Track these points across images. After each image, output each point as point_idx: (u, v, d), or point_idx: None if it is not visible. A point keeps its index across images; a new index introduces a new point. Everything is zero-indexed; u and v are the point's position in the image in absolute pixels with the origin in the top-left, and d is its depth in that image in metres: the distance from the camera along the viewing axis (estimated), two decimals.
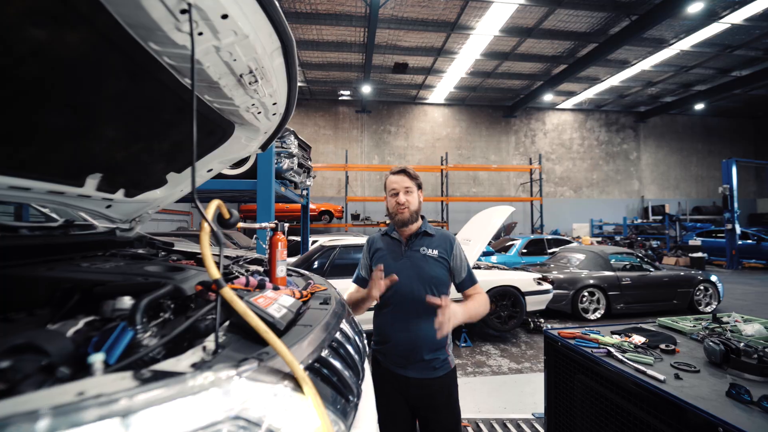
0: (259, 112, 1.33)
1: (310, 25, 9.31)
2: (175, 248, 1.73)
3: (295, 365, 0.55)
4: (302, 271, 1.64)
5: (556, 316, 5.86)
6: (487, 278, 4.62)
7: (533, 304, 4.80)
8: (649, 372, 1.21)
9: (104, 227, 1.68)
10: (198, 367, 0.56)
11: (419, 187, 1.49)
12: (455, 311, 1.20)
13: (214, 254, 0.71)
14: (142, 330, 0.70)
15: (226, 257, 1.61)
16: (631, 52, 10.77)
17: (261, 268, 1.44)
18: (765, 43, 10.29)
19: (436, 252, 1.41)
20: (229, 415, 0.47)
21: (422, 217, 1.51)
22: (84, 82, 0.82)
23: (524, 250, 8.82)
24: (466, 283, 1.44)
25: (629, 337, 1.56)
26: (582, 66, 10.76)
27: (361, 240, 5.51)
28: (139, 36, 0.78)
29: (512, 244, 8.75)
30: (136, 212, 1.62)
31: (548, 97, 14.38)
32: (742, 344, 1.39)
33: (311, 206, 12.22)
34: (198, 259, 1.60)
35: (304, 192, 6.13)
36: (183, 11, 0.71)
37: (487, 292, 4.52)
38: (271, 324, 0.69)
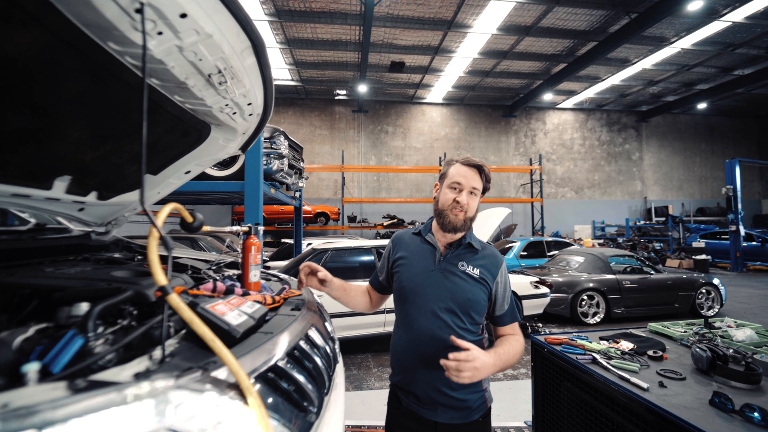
0: (234, 113, 1.33)
1: (304, 23, 9.34)
2: None
3: (240, 375, 0.55)
4: (282, 275, 1.64)
5: (555, 320, 5.85)
6: None
7: (530, 308, 4.80)
8: (633, 380, 1.21)
9: (80, 231, 1.67)
10: (141, 376, 0.55)
11: (484, 192, 1.22)
12: (485, 363, 0.96)
13: (195, 258, 0.71)
14: (95, 338, 0.69)
15: (204, 261, 1.60)
16: (632, 51, 10.83)
17: (238, 273, 1.43)
18: (767, 42, 10.35)
19: (477, 271, 1.16)
20: (164, 427, 0.46)
21: (470, 228, 1.26)
22: (41, 82, 0.81)
23: (523, 253, 8.83)
24: (507, 319, 1.19)
25: (617, 343, 1.56)
26: (582, 65, 10.81)
27: (355, 243, 5.50)
28: (96, 36, 0.77)
29: (511, 247, 8.75)
30: (111, 215, 1.62)
31: (548, 97, 14.44)
32: (731, 350, 1.39)
33: (307, 208, 12.23)
34: (175, 264, 1.59)
35: (297, 194, 6.13)
36: (138, 10, 0.71)
37: None
38: (226, 332, 0.68)
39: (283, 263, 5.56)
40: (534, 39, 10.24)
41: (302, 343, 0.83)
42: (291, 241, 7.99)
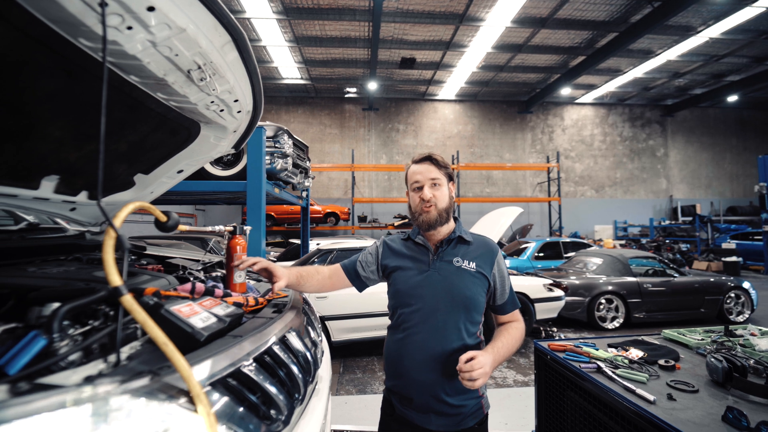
0: (221, 110, 1.33)
1: (312, 20, 9.39)
2: (146, 252, 1.75)
3: (191, 381, 0.53)
4: None
5: (572, 325, 5.71)
6: None
7: (544, 311, 4.69)
8: (639, 391, 1.15)
9: (75, 231, 1.71)
10: (90, 380, 0.54)
11: (450, 178, 1.23)
12: (489, 363, 1.00)
13: (186, 258, 0.70)
14: (60, 338, 0.69)
15: (195, 261, 1.61)
16: (655, 42, 10.47)
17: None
18: None
19: (473, 265, 1.16)
20: None
21: (456, 219, 1.26)
22: (13, 80, 0.82)
23: (539, 254, 8.64)
24: (508, 307, 1.21)
25: (626, 351, 1.49)
26: (602, 57, 10.52)
27: (362, 243, 5.49)
28: (65, 32, 0.77)
29: (526, 248, 8.59)
30: None
31: (566, 91, 14.10)
32: (751, 361, 1.32)
33: (317, 208, 12.30)
34: (167, 264, 1.61)
35: (304, 193, 6.16)
36: (101, 4, 0.70)
37: None
38: (189, 334, 0.67)
39: (290, 263, 5.59)
40: (550, 31, 10.02)
41: (276, 348, 0.81)
42: (297, 241, 8.05)
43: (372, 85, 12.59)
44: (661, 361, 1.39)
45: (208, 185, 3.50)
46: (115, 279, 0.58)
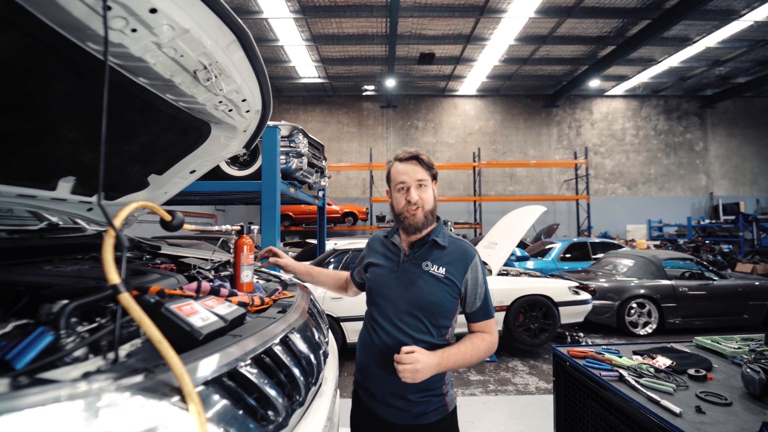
0: (230, 110, 1.36)
1: (329, 18, 9.48)
2: (161, 252, 1.81)
3: (184, 379, 0.54)
4: (284, 276, 1.66)
5: (600, 330, 5.53)
6: (514, 286, 4.44)
7: (568, 315, 4.55)
8: (664, 402, 1.09)
9: (93, 230, 1.79)
10: (88, 375, 0.57)
11: (434, 178, 1.22)
12: (426, 365, 1.00)
13: (197, 257, 0.72)
14: (66, 335, 0.72)
15: (205, 260, 1.66)
16: (692, 28, 9.94)
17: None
18: None
19: (443, 270, 1.14)
20: (90, 428, 0.47)
21: (438, 219, 1.25)
22: (26, 84, 0.87)
23: (566, 255, 8.39)
24: (478, 316, 1.17)
25: (653, 358, 1.43)
26: (633, 46, 10.09)
27: None
28: (73, 36, 0.81)
29: (551, 248, 8.36)
30: None
31: (595, 83, 13.63)
32: None
33: (335, 208, 12.42)
34: (180, 263, 1.66)
35: (320, 193, 6.22)
36: (104, 8, 0.73)
37: (515, 302, 4.35)
38: (188, 333, 0.69)
39: (306, 264, 5.67)
40: (577, 20, 9.70)
41: (277, 348, 0.82)
42: (314, 241, 8.15)
43: (390, 82, 12.58)
44: (691, 371, 1.32)
45: (223, 185, 3.59)
46: (114, 277, 0.60)
